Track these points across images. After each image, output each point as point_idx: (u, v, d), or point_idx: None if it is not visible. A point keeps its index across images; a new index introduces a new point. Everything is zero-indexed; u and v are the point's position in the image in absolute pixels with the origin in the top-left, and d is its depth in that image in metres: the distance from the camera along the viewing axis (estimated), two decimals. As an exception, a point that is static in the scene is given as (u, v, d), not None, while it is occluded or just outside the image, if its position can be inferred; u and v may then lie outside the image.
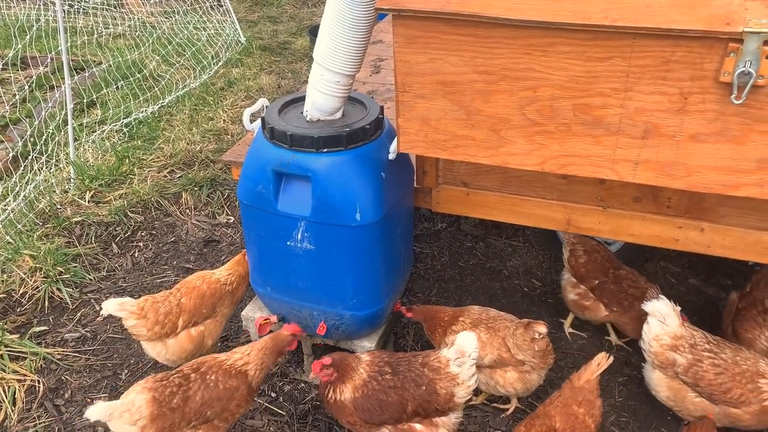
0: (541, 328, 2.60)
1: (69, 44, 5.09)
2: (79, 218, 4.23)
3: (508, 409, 2.92)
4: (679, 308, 2.61)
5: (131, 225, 4.30)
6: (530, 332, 2.62)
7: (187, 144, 5.25)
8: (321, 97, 2.54)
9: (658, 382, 2.65)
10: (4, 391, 3.03)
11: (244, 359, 2.54)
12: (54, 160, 4.88)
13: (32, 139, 4.95)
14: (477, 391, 2.95)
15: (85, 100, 5.62)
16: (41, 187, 4.51)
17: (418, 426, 2.47)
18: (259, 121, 2.71)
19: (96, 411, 2.25)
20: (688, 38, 1.83)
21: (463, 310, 2.89)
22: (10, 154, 4.69)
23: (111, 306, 2.73)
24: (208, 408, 2.41)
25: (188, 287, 2.92)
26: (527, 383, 2.75)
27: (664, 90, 1.94)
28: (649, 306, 2.62)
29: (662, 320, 2.58)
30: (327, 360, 2.48)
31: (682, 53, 1.86)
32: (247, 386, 2.50)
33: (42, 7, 7.44)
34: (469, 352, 2.47)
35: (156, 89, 6.05)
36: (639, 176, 2.12)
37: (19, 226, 4.07)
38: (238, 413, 2.53)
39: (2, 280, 3.65)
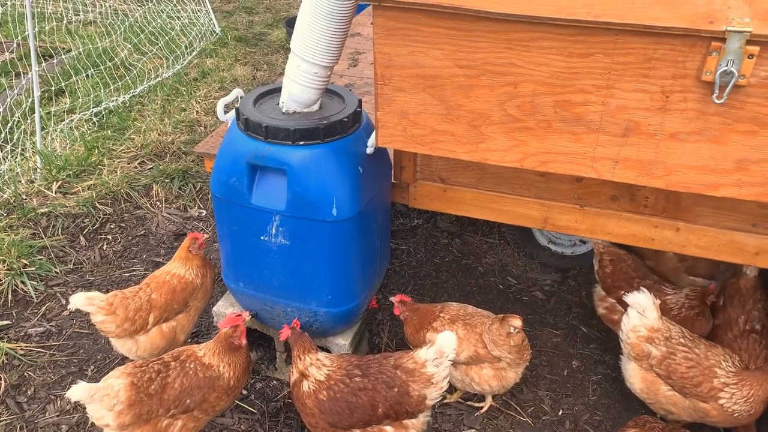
0: (516, 321, 2.59)
1: (36, 30, 4.94)
2: (46, 209, 4.11)
3: (482, 407, 2.90)
4: (659, 302, 2.61)
5: (100, 217, 4.18)
6: (505, 327, 2.61)
7: (159, 135, 5.13)
8: (298, 89, 2.48)
9: (633, 374, 2.67)
10: (-36, 388, 2.92)
11: (208, 357, 2.50)
12: (20, 149, 4.73)
13: (-3, 127, 4.80)
14: (451, 389, 2.93)
15: (53, 88, 5.45)
16: (6, 177, 4.37)
17: (388, 428, 2.44)
18: (233, 112, 2.64)
19: (77, 392, 2.22)
20: (671, 36, 1.82)
21: (442, 307, 2.86)
22: (-26, 142, 4.54)
23: (78, 300, 2.64)
24: (187, 396, 2.37)
25: (158, 282, 2.84)
26: (503, 380, 2.74)
27: (646, 88, 1.92)
28: (630, 298, 2.62)
29: (641, 312, 2.58)
30: (291, 330, 2.59)
31: (665, 51, 1.85)
32: (225, 381, 2.45)
33: (9, -9, 7.22)
34: (447, 353, 2.43)
35: (127, 78, 5.91)
36: (619, 175, 2.11)
37: (-18, 217, 3.93)
38: (218, 406, 2.49)
39: (-37, 273, 3.53)
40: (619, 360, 2.78)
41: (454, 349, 2.44)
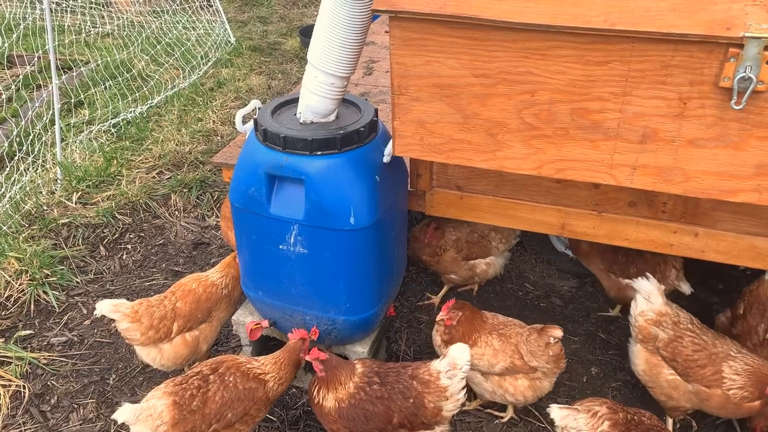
0: (557, 332, 2.59)
1: (56, 43, 5.02)
2: (66, 220, 4.17)
3: (503, 417, 2.88)
4: (663, 287, 2.70)
5: (119, 227, 4.24)
6: (545, 337, 2.60)
7: (176, 145, 5.19)
8: (315, 99, 2.51)
9: (637, 355, 2.73)
10: (-11, 397, 2.97)
11: (261, 369, 2.52)
12: (40, 161, 4.80)
13: (18, 139, 4.87)
14: (471, 396, 2.93)
15: (72, 100, 5.54)
16: (27, 188, 4.44)
17: None
18: (251, 122, 2.67)
19: (123, 413, 2.23)
20: (688, 43, 1.81)
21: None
22: (-4, 155, 4.62)
23: (105, 307, 2.68)
24: (228, 410, 2.38)
25: (183, 291, 2.87)
26: (537, 390, 2.72)
27: (663, 95, 1.92)
28: (636, 284, 2.71)
29: (647, 298, 2.67)
30: (324, 356, 2.47)
31: (682, 58, 1.85)
32: (264, 392, 2.47)
33: (29, 5, 7.33)
34: (461, 365, 2.42)
35: (144, 89, 5.98)
36: (636, 181, 2.11)
37: (5, 228, 4.00)
38: (258, 417, 2.51)
39: (-13, 283, 3.59)
40: (627, 344, 2.82)
41: (468, 362, 2.43)
